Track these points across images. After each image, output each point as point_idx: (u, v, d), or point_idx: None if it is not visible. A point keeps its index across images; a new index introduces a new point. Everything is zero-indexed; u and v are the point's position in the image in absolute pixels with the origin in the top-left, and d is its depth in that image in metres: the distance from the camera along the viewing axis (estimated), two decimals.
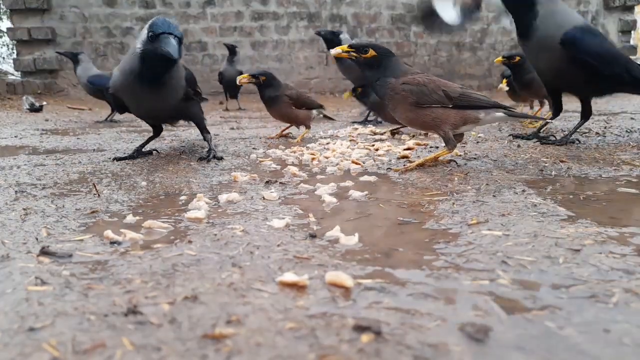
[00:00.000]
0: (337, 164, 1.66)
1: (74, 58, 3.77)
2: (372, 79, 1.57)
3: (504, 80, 3.07)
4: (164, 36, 1.49)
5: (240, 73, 4.67)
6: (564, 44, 1.83)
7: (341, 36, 3.26)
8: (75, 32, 6.11)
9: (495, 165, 1.57)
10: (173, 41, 1.49)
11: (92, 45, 6.08)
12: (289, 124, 2.58)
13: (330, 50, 1.57)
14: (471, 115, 1.54)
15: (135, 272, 0.73)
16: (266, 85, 2.40)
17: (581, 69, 1.84)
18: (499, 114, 1.56)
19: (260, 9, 6.43)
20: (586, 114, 2.03)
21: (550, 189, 1.22)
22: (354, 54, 1.55)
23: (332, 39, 3.24)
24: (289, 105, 2.41)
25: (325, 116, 3.19)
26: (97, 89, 3.61)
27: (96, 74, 3.72)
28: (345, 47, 1.57)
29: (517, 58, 2.73)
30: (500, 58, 2.80)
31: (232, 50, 4.83)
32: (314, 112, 2.57)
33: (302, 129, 2.52)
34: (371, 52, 1.54)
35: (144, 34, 1.56)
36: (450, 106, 1.52)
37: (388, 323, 0.56)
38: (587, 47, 1.82)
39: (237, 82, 2.31)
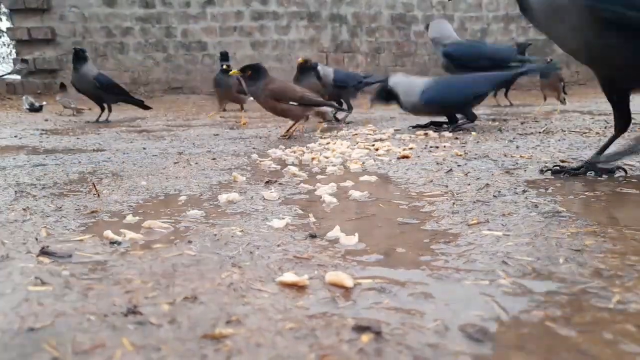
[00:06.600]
0: (337, 165, 1.66)
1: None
2: (253, 86, 2.48)
3: None
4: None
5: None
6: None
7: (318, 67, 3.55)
8: (75, 32, 6.11)
9: (495, 165, 1.57)
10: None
11: (92, 45, 6.07)
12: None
13: (230, 72, 2.82)
14: (310, 109, 2.57)
15: (135, 272, 0.73)
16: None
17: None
18: (328, 108, 2.75)
19: (260, 8, 6.43)
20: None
21: (550, 189, 1.22)
22: (241, 73, 2.47)
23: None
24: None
25: None
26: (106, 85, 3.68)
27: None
28: (236, 71, 2.50)
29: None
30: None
31: (224, 56, 4.91)
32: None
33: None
34: (249, 72, 2.45)
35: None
36: (296, 104, 2.47)
37: (388, 323, 0.56)
38: None
39: None
